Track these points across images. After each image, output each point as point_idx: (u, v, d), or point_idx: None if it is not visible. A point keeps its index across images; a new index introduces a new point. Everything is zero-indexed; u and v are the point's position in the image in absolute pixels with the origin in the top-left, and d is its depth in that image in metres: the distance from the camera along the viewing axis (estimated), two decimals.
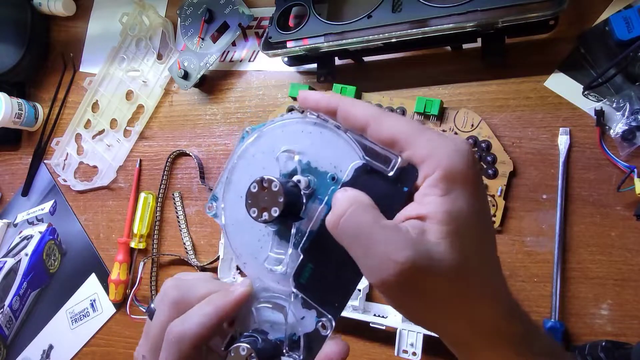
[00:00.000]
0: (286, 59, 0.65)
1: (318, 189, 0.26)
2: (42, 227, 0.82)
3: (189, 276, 0.31)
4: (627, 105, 0.49)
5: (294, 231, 0.26)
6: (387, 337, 0.56)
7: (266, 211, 0.25)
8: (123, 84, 0.76)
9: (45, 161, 0.83)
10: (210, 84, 0.72)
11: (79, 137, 0.80)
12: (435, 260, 0.21)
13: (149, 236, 0.74)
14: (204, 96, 0.72)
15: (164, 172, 0.73)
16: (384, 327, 0.54)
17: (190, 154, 0.71)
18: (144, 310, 0.70)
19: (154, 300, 0.30)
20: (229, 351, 0.26)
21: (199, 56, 0.68)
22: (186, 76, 0.69)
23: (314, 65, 0.63)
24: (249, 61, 0.70)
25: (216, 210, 0.30)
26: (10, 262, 0.80)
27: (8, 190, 0.87)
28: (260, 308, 0.28)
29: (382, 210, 0.23)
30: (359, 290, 0.56)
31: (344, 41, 0.55)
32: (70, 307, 0.78)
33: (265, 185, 0.25)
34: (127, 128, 0.76)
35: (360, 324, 0.55)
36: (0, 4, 0.80)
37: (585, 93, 0.52)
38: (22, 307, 0.81)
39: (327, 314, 0.25)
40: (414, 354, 0.52)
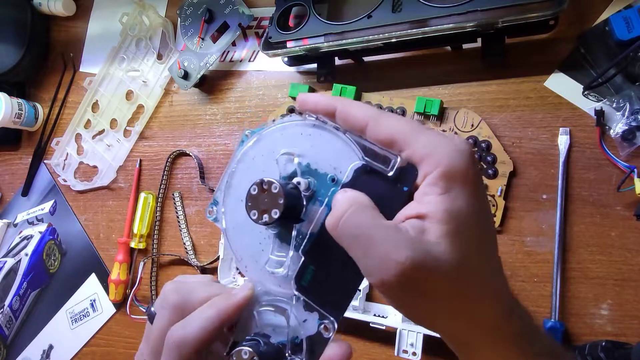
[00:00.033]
0: (286, 59, 0.65)
1: (318, 190, 0.26)
2: (42, 227, 0.82)
3: (190, 279, 0.31)
4: (627, 105, 0.49)
5: (294, 233, 0.26)
6: (387, 337, 0.56)
7: (266, 213, 0.25)
8: (123, 84, 0.76)
9: (45, 161, 0.83)
10: (210, 84, 0.72)
11: (79, 137, 0.80)
12: (435, 259, 0.21)
13: (149, 236, 0.74)
14: (204, 96, 0.72)
15: (164, 172, 0.73)
16: (384, 327, 0.54)
17: (190, 154, 0.71)
18: (144, 310, 0.69)
19: (154, 303, 0.30)
20: (230, 355, 0.26)
21: (199, 56, 0.68)
22: (186, 76, 0.69)
23: (314, 65, 0.63)
24: (249, 61, 0.70)
25: (217, 215, 0.30)
26: (10, 262, 0.80)
27: (8, 190, 0.87)
28: (262, 311, 0.28)
29: (383, 210, 0.23)
30: (359, 291, 0.56)
31: (344, 41, 0.55)
32: (70, 307, 0.78)
33: (265, 187, 0.25)
34: (127, 128, 0.76)
35: (360, 324, 0.55)
36: (0, 4, 0.80)
37: (585, 93, 0.52)
38: (22, 307, 0.81)
39: (329, 316, 0.25)
40: (414, 354, 0.52)
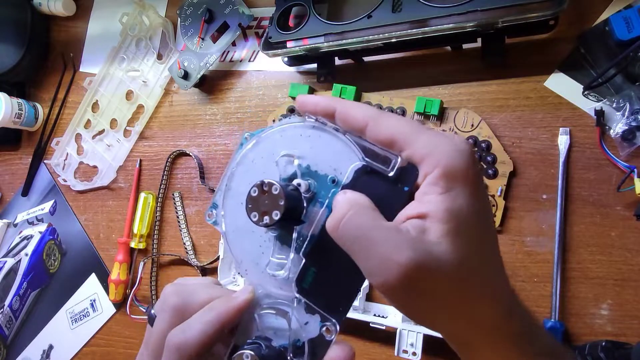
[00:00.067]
0: (286, 59, 0.65)
1: (319, 192, 0.26)
2: (42, 227, 0.82)
3: (190, 281, 0.31)
4: (627, 105, 0.49)
5: (295, 236, 0.26)
6: (387, 337, 0.56)
7: (267, 215, 0.25)
8: (123, 84, 0.76)
9: (45, 161, 0.83)
10: (210, 84, 0.72)
11: (79, 137, 0.80)
12: (436, 259, 0.21)
13: (149, 236, 0.74)
14: (204, 96, 0.72)
15: (164, 172, 0.73)
16: (384, 327, 0.54)
17: (190, 154, 0.71)
18: (144, 310, 0.69)
19: (154, 306, 0.30)
20: (232, 359, 0.26)
21: (199, 56, 0.68)
22: (186, 76, 0.69)
23: (314, 65, 0.63)
24: (249, 61, 0.70)
25: (216, 218, 0.30)
26: (10, 262, 0.80)
27: (8, 190, 0.87)
28: (263, 314, 0.28)
29: (384, 211, 0.23)
30: (359, 291, 0.56)
31: (344, 41, 0.55)
32: (70, 307, 0.78)
33: (266, 189, 0.25)
34: (127, 128, 0.76)
35: (360, 324, 0.55)
36: (0, 4, 0.80)
37: (585, 93, 0.52)
38: (22, 307, 0.81)
39: (331, 319, 0.25)
40: (414, 354, 0.52)
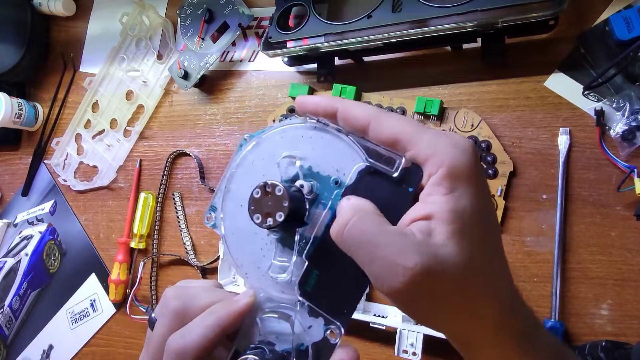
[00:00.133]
0: (286, 59, 0.65)
1: (321, 193, 0.26)
2: (42, 227, 0.82)
3: (191, 284, 0.31)
4: (627, 105, 0.49)
5: (297, 238, 0.26)
6: (387, 337, 0.56)
7: (270, 216, 0.24)
8: (123, 84, 0.76)
9: (45, 161, 0.83)
10: (210, 84, 0.72)
11: (79, 137, 0.80)
12: (443, 262, 0.21)
13: (149, 236, 0.74)
14: (204, 96, 0.72)
15: (164, 172, 0.73)
16: (384, 327, 0.54)
17: (190, 154, 0.71)
18: (144, 310, 0.70)
19: (154, 309, 0.30)
20: None
21: (199, 56, 0.68)
22: (186, 76, 0.69)
23: (314, 65, 0.63)
24: (249, 61, 0.70)
25: (215, 221, 0.29)
26: (10, 262, 0.80)
27: (8, 190, 0.87)
28: (265, 318, 0.27)
29: (388, 213, 0.23)
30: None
31: (344, 41, 0.55)
32: (70, 307, 0.78)
33: (269, 190, 0.25)
34: (127, 128, 0.76)
35: (360, 324, 0.55)
36: (0, 4, 0.80)
37: (585, 93, 0.52)
38: (22, 307, 0.81)
39: (335, 322, 0.25)
40: (414, 354, 0.52)
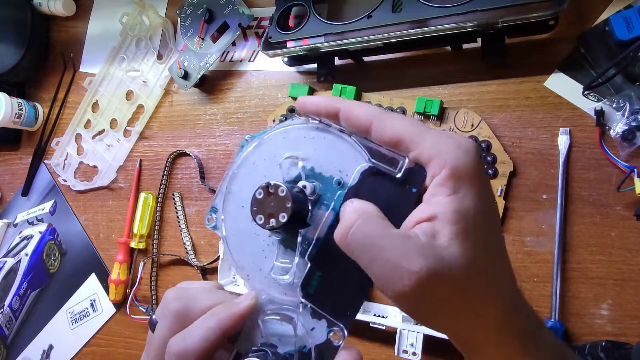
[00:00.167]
0: (286, 59, 0.65)
1: (324, 194, 0.25)
2: (42, 227, 0.82)
3: (192, 285, 0.31)
4: (627, 105, 0.49)
5: (300, 239, 0.26)
6: (387, 337, 0.56)
7: (273, 217, 0.24)
8: (123, 84, 0.76)
9: (45, 161, 0.83)
10: (210, 84, 0.72)
11: (79, 137, 0.80)
12: (447, 264, 0.21)
13: (149, 236, 0.74)
14: (204, 96, 0.72)
15: (164, 172, 0.73)
16: (384, 327, 0.54)
17: (190, 154, 0.71)
18: (144, 310, 0.70)
19: (155, 311, 0.29)
20: None
21: (199, 56, 0.68)
22: (186, 76, 0.69)
23: (314, 65, 0.63)
24: (249, 61, 0.70)
25: (216, 222, 0.29)
26: (10, 262, 0.80)
27: (8, 190, 0.87)
28: (267, 320, 0.27)
29: (392, 213, 0.23)
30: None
31: (344, 41, 0.55)
32: (70, 307, 0.78)
33: (272, 191, 0.24)
34: (127, 128, 0.76)
35: (360, 324, 0.55)
36: (0, 4, 0.80)
37: (585, 93, 0.52)
38: (22, 307, 0.81)
39: (338, 323, 0.24)
40: (414, 354, 0.52)
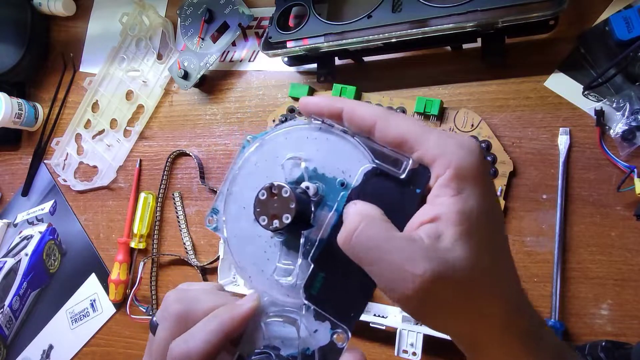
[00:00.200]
0: (286, 59, 0.65)
1: (327, 195, 0.25)
2: (42, 227, 0.82)
3: (193, 287, 0.30)
4: (627, 105, 0.49)
5: (303, 240, 0.25)
6: (387, 337, 0.56)
7: (277, 218, 0.24)
8: (123, 84, 0.76)
9: (45, 161, 0.83)
10: (210, 84, 0.72)
11: (79, 137, 0.80)
12: (451, 266, 0.21)
13: (149, 236, 0.74)
14: (204, 96, 0.72)
15: (164, 172, 0.73)
16: (384, 327, 0.54)
17: (190, 154, 0.71)
18: (144, 310, 0.70)
19: (155, 313, 0.29)
20: None
21: (199, 56, 0.68)
22: (186, 76, 0.69)
23: (314, 65, 0.63)
24: (249, 61, 0.70)
25: (217, 224, 0.29)
26: (10, 262, 0.80)
27: (8, 190, 0.87)
28: (270, 323, 0.27)
29: (395, 214, 0.23)
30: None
31: (344, 41, 0.55)
32: (70, 307, 0.78)
33: (275, 191, 0.24)
34: (127, 128, 0.76)
35: (360, 324, 0.55)
36: (0, 4, 0.80)
37: (585, 93, 0.52)
38: (22, 307, 0.81)
39: (342, 325, 0.24)
40: (414, 354, 0.52)
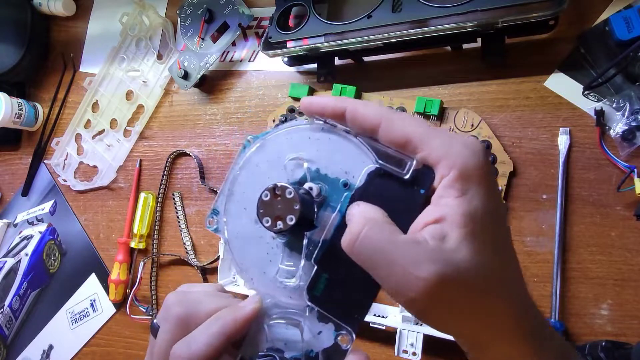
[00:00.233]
0: (286, 59, 0.65)
1: (330, 196, 0.25)
2: (42, 227, 0.82)
3: (194, 288, 0.30)
4: (627, 105, 0.49)
5: (306, 242, 0.25)
6: (387, 337, 0.56)
7: (281, 220, 0.24)
8: (123, 84, 0.76)
9: (45, 161, 0.83)
10: (210, 84, 0.72)
11: (79, 137, 0.80)
12: (457, 268, 0.21)
13: (149, 236, 0.73)
14: (204, 96, 0.72)
15: (164, 172, 0.73)
16: (384, 327, 0.54)
17: (190, 154, 0.71)
18: (144, 310, 0.70)
19: (156, 316, 0.29)
20: None
21: (199, 56, 0.68)
22: (186, 76, 0.69)
23: (314, 65, 0.63)
24: (249, 61, 0.70)
25: (217, 225, 0.29)
26: (10, 262, 0.80)
27: (8, 190, 0.87)
28: (273, 325, 0.27)
29: (399, 215, 0.23)
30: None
31: (344, 41, 0.55)
32: (70, 307, 0.78)
33: (278, 192, 0.24)
34: (127, 128, 0.76)
35: (360, 324, 0.55)
36: (0, 4, 0.80)
37: (585, 93, 0.52)
38: (22, 307, 0.81)
39: (346, 327, 0.24)
40: (414, 354, 0.52)
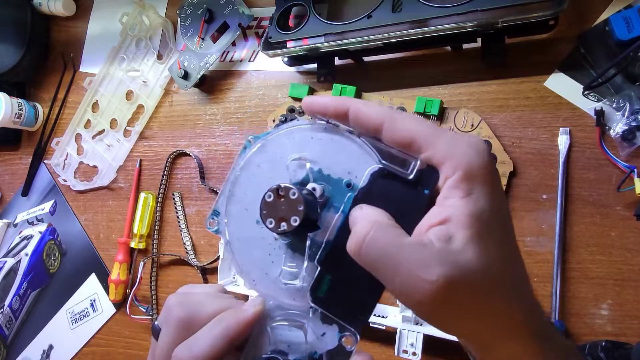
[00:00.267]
0: (286, 59, 0.65)
1: (333, 196, 0.25)
2: (42, 227, 0.82)
3: (195, 290, 0.30)
4: (627, 105, 0.49)
5: (309, 243, 0.25)
6: (387, 337, 0.56)
7: (284, 221, 0.24)
8: (123, 84, 0.76)
9: (45, 161, 0.83)
10: (210, 84, 0.72)
11: (79, 137, 0.80)
12: (464, 269, 0.21)
13: (149, 236, 0.74)
14: (204, 96, 0.72)
15: (164, 172, 0.73)
16: (384, 327, 0.54)
17: (190, 154, 0.71)
18: (144, 310, 0.70)
19: (157, 318, 0.29)
20: None
21: (199, 56, 0.68)
22: (186, 76, 0.69)
23: (314, 65, 0.63)
24: (249, 61, 0.70)
25: (218, 226, 0.28)
26: (10, 262, 0.80)
27: (8, 190, 0.87)
28: (276, 327, 0.26)
29: (404, 216, 0.22)
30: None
31: (344, 41, 0.55)
32: (70, 307, 0.78)
33: (282, 193, 0.24)
34: (127, 128, 0.76)
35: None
36: (0, 4, 0.80)
37: (585, 93, 0.52)
38: (22, 307, 0.81)
39: (350, 328, 0.24)
40: (414, 354, 0.52)
